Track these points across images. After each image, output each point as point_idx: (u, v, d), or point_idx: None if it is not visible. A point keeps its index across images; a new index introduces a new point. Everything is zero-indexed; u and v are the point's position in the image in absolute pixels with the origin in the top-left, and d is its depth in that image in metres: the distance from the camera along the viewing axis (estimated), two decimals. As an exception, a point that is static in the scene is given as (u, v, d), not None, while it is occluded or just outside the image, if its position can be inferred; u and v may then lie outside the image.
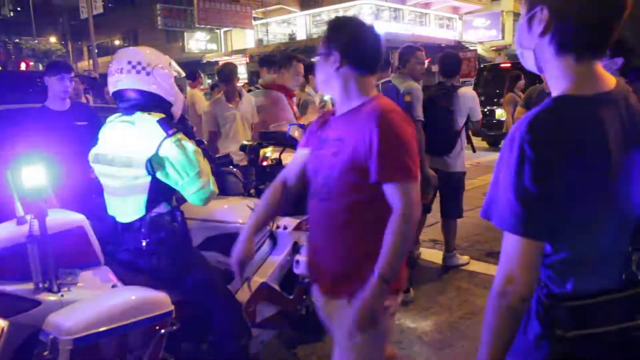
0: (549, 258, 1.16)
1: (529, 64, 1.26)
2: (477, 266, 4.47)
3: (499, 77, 11.07)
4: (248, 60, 26.52)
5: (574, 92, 1.14)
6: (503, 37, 26.95)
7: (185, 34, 29.26)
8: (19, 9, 44.39)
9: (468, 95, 4.32)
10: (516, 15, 29.11)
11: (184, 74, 2.45)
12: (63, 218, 2.15)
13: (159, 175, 2.23)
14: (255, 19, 28.03)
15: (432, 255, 4.69)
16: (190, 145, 2.25)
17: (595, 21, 1.12)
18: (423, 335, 3.32)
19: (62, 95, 3.63)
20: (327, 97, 6.57)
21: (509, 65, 12.00)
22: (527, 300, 1.14)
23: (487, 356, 1.16)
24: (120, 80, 2.25)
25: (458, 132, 4.21)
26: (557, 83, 1.18)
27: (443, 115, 4.08)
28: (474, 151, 4.60)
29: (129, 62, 2.24)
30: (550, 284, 1.18)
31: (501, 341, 1.15)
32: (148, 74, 2.26)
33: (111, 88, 2.30)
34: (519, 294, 1.11)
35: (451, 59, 4.41)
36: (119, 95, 2.30)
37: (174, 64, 2.42)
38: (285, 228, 2.92)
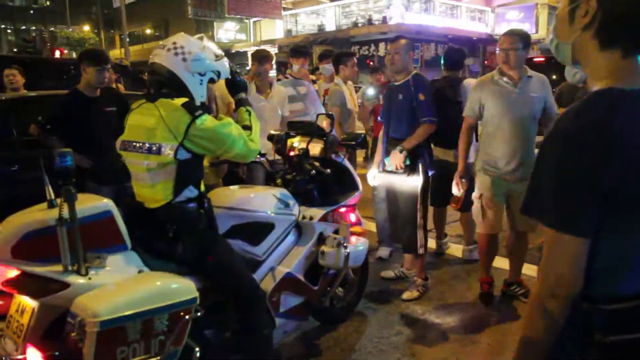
0: (590, 258, 1.11)
1: (564, 56, 1.21)
2: (502, 262, 4.37)
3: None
4: (277, 51, 26.55)
5: (618, 85, 1.09)
6: (537, 31, 26.29)
7: (215, 23, 29.46)
8: (54, -3, 45.33)
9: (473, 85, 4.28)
10: (551, 8, 28.43)
11: (222, 53, 2.47)
12: (92, 202, 2.17)
13: (191, 153, 2.26)
14: (284, 9, 28.02)
15: (458, 250, 4.62)
16: (215, 120, 2.30)
17: None
18: (448, 330, 3.27)
19: (97, 85, 3.72)
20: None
21: (542, 59, 11.69)
22: (573, 301, 1.10)
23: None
24: (158, 55, 2.34)
25: None
26: (598, 77, 1.13)
27: (451, 107, 4.04)
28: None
29: (174, 43, 2.33)
30: (589, 286, 1.12)
31: (547, 343, 1.12)
32: (184, 60, 2.30)
33: (150, 58, 2.39)
34: (569, 295, 1.08)
35: (455, 52, 4.47)
36: (152, 68, 2.36)
37: (213, 47, 2.46)
38: (311, 219, 2.91)
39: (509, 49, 3.29)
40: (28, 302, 2.00)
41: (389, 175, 3.76)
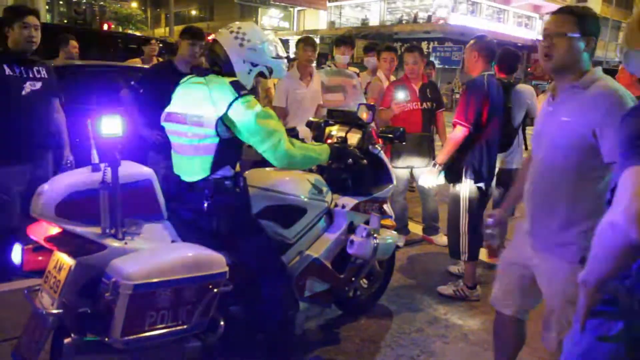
0: None
1: (635, 65, 1.19)
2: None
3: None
4: (319, 42, 26.50)
5: None
6: (586, 41, 25.61)
7: (260, 9, 29.62)
8: (105, -27, 46.24)
9: (526, 91, 4.25)
10: (602, 19, 27.56)
11: (285, 55, 2.54)
12: (134, 170, 2.22)
13: (231, 133, 2.29)
14: (329, 0, 27.95)
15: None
16: (259, 106, 2.31)
17: None
18: (469, 333, 3.25)
19: (189, 59, 3.87)
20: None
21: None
22: None
23: (600, 274, 1.16)
24: (220, 34, 2.41)
25: (516, 128, 4.20)
26: None
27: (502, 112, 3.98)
28: (526, 148, 4.50)
29: (239, 28, 2.41)
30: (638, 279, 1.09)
31: (616, 269, 1.13)
32: (241, 45, 2.36)
33: (214, 35, 2.47)
34: None
35: (510, 55, 4.35)
36: (212, 45, 2.43)
37: (277, 45, 2.50)
38: (343, 207, 2.92)
39: (552, 33, 1.97)
40: (66, 260, 2.07)
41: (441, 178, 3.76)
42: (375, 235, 2.83)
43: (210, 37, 2.47)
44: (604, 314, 1.21)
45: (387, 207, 3.27)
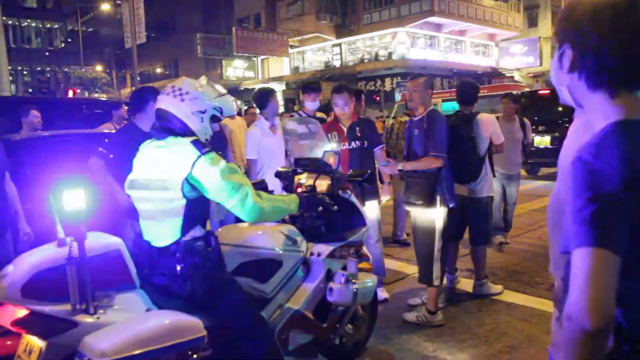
0: (623, 288, 1.02)
1: (567, 100, 1.23)
2: (515, 297, 4.32)
3: (537, 105, 10.92)
4: (284, 87, 26.94)
5: (628, 117, 1.09)
6: (541, 64, 26.59)
7: (223, 61, 30.08)
8: (69, 40, 46.68)
9: (487, 120, 4.34)
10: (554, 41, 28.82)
11: (223, 92, 2.52)
12: (101, 241, 2.19)
13: (198, 192, 2.27)
14: (291, 47, 28.59)
15: (469, 285, 4.57)
16: (223, 162, 2.30)
17: (625, 54, 1.07)
18: (460, 368, 3.21)
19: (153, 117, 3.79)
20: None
21: (547, 92, 11.78)
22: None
23: None
24: (160, 100, 2.39)
25: (482, 158, 4.26)
26: (601, 116, 1.13)
27: (465, 143, 4.12)
28: (494, 176, 4.61)
29: (173, 87, 2.39)
30: (622, 320, 1.04)
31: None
32: (182, 100, 2.35)
33: (157, 104, 2.44)
34: (606, 321, 0.97)
35: (468, 86, 4.46)
36: (158, 114, 2.41)
37: (214, 86, 2.50)
38: (319, 255, 2.90)
39: None
40: (36, 342, 2.00)
41: (407, 207, 3.86)
42: (354, 280, 2.81)
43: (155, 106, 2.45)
44: None
45: (363, 250, 3.27)
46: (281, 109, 14.64)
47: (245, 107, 11.85)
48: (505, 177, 5.98)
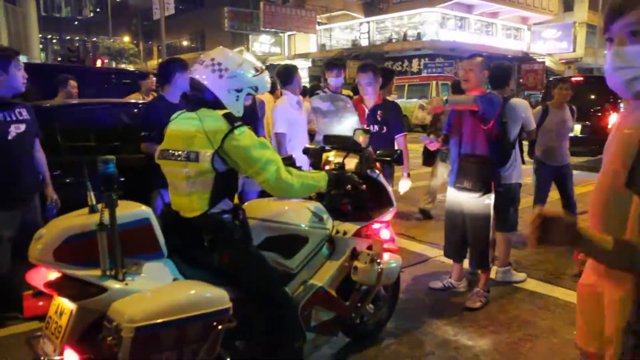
0: None
1: (621, 87, 1.16)
2: (539, 287, 4.27)
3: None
4: (310, 65, 26.75)
5: None
6: (574, 50, 25.89)
7: (250, 36, 29.99)
8: (98, 10, 47.00)
9: (520, 105, 4.27)
10: (590, 27, 27.91)
11: (262, 66, 2.49)
12: (131, 209, 2.20)
13: (227, 166, 2.27)
14: (319, 24, 28.32)
15: (492, 271, 4.52)
16: (255, 137, 2.29)
17: None
18: (480, 353, 3.19)
19: (184, 89, 3.81)
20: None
21: (580, 78, 11.46)
22: None
23: None
24: (196, 71, 2.35)
25: (512, 143, 4.17)
26: None
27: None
28: (523, 163, 4.51)
29: (212, 59, 2.34)
30: None
31: None
32: (221, 77, 2.31)
33: (190, 73, 2.42)
34: None
35: (501, 69, 4.38)
36: (191, 83, 2.39)
37: (253, 62, 2.46)
38: (345, 233, 2.89)
39: None
40: (67, 305, 2.03)
41: (460, 193, 3.85)
42: (378, 260, 2.80)
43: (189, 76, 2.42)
44: None
45: (389, 230, 3.24)
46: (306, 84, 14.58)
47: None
48: (554, 171, 5.33)
